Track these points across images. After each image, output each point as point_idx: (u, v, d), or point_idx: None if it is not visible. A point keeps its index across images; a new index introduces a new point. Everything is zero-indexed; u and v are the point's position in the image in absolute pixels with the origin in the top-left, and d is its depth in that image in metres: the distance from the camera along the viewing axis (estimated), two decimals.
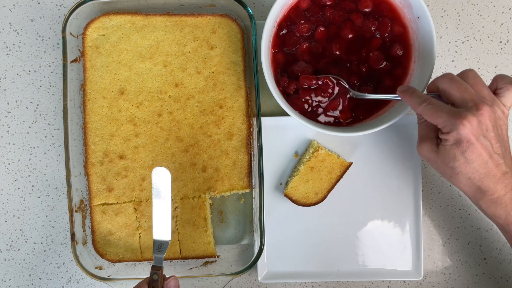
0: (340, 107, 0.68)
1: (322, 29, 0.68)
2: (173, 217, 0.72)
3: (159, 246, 0.65)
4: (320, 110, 0.69)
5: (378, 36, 0.69)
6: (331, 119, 0.69)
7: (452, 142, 0.57)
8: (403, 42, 0.69)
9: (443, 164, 0.60)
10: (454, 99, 0.59)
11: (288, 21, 0.69)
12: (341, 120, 0.69)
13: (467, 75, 0.61)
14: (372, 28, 0.68)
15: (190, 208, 0.73)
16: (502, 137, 0.59)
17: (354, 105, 0.69)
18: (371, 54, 0.68)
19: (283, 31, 0.69)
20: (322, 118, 0.69)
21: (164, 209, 0.65)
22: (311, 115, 0.69)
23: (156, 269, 0.63)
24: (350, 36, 0.68)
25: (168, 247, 0.72)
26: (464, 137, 0.56)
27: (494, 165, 0.58)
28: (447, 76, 0.60)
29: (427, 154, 0.61)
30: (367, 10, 0.68)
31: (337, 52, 0.68)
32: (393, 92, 0.68)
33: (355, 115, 0.69)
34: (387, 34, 0.69)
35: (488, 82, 0.78)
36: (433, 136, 0.61)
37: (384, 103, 0.70)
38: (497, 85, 0.60)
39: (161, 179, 0.65)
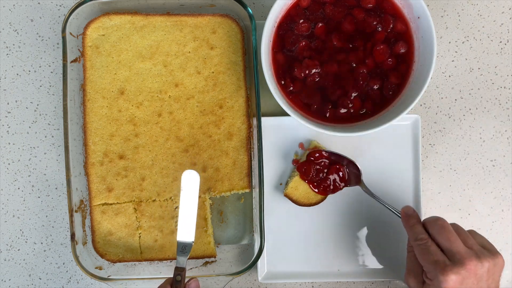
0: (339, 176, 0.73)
1: (321, 24, 0.68)
2: (173, 217, 0.72)
3: (183, 247, 0.66)
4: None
5: (380, 29, 0.68)
6: (345, 110, 0.69)
7: None
8: (406, 40, 0.69)
9: None
10: (442, 248, 0.59)
11: (288, 19, 0.69)
12: (352, 111, 0.69)
13: (457, 227, 0.62)
14: (374, 23, 0.68)
15: None
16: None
17: (363, 98, 0.69)
18: (377, 47, 0.68)
19: (283, 31, 0.69)
20: (334, 112, 0.70)
21: (190, 212, 0.66)
22: (316, 115, 0.69)
23: (180, 270, 0.64)
24: (350, 29, 0.68)
25: (171, 247, 0.72)
26: None
27: None
28: (438, 223, 0.61)
29: (413, 286, 0.63)
30: (369, 6, 0.68)
31: (335, 43, 0.68)
32: (399, 91, 0.69)
33: (365, 109, 0.70)
34: (389, 31, 0.68)
35: (488, 81, 0.79)
36: (419, 272, 0.62)
37: (391, 99, 0.69)
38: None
39: (190, 182, 0.67)
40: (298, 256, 0.76)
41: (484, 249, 0.60)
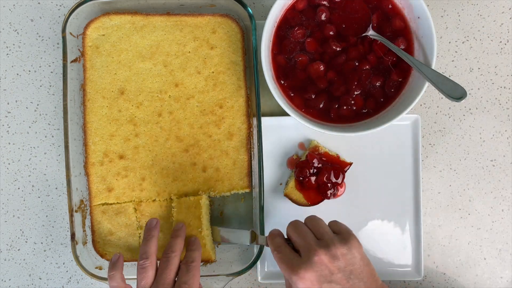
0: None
1: (309, 40, 0.68)
2: (173, 217, 0.72)
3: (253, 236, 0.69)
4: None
5: (375, 25, 0.69)
6: (347, 108, 0.69)
7: None
8: (406, 37, 0.69)
9: None
10: (297, 246, 0.59)
11: (285, 23, 0.69)
12: (355, 108, 0.69)
13: (308, 220, 0.61)
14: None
15: (187, 208, 0.72)
16: (357, 271, 0.56)
17: (365, 97, 0.69)
18: (377, 42, 0.68)
19: (283, 32, 0.69)
20: (336, 111, 0.70)
21: None
22: (316, 115, 0.69)
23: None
24: (343, 26, 0.68)
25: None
26: None
27: None
28: (292, 223, 0.61)
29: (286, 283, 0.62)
30: (369, 6, 0.68)
31: (335, 48, 0.68)
32: (400, 88, 0.69)
33: (366, 108, 0.70)
34: (388, 30, 0.69)
35: (488, 81, 0.79)
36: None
37: (392, 97, 0.69)
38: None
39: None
40: None
41: (335, 236, 0.58)
